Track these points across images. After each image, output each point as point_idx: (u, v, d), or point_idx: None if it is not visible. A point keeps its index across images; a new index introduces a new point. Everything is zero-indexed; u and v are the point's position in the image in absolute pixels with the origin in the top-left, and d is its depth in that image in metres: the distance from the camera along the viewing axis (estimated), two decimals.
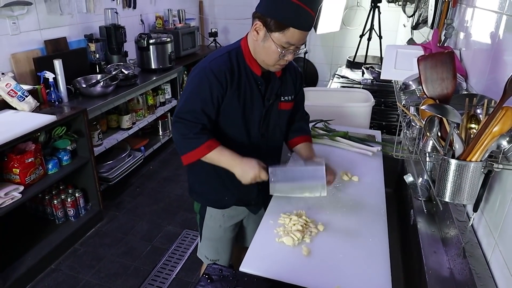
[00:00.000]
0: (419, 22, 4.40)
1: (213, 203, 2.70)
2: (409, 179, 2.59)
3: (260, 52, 2.25)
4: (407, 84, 2.47)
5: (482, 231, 1.94)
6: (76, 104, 4.54)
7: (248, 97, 2.35)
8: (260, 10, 2.15)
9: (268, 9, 2.11)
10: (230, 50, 2.34)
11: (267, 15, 2.11)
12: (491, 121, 1.53)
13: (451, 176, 1.63)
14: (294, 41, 2.14)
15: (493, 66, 2.14)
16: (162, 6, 7.39)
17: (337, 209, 2.34)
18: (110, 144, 5.19)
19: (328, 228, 2.18)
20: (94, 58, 5.46)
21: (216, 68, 2.23)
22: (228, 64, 2.27)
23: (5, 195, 3.57)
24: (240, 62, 2.32)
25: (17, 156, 3.70)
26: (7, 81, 3.92)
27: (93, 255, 4.31)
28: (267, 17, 2.10)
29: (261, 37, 2.17)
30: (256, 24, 2.16)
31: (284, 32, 2.09)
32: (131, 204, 5.28)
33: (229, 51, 2.34)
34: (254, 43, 2.25)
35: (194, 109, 2.25)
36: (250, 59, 2.33)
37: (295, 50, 2.23)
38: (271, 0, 2.10)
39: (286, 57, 2.22)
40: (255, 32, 2.19)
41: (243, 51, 2.34)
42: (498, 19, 2.14)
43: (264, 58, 2.25)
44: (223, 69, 2.24)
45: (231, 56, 2.31)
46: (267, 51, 2.20)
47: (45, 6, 4.85)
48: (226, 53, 2.32)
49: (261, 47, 2.21)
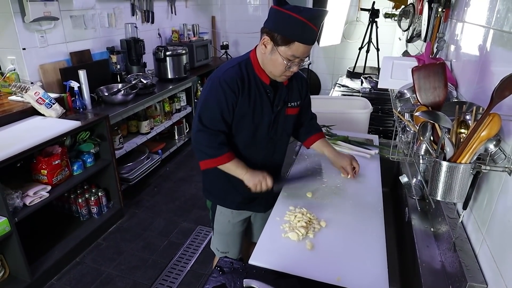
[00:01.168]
0: (413, 36, 4.40)
1: (222, 201, 2.75)
2: (404, 179, 2.59)
3: (268, 64, 2.27)
4: (402, 92, 2.47)
5: (471, 227, 1.94)
6: (99, 110, 4.55)
7: (258, 103, 2.37)
8: (268, 26, 2.18)
9: (275, 25, 2.14)
10: (240, 62, 2.37)
11: (274, 30, 2.14)
12: (479, 126, 1.53)
13: (443, 177, 1.63)
14: (298, 54, 2.16)
15: (481, 76, 2.14)
16: (178, 21, 7.40)
17: (338, 207, 2.34)
18: (130, 147, 5.20)
19: (330, 224, 2.18)
20: (115, 69, 5.47)
21: (229, 78, 2.27)
22: (239, 74, 2.30)
23: (34, 194, 3.58)
24: (250, 72, 2.34)
25: (45, 159, 3.72)
26: (35, 90, 3.94)
27: (114, 249, 4.33)
28: (274, 32, 2.14)
29: (269, 50, 2.20)
30: (264, 38, 2.20)
31: (290, 46, 2.12)
32: (149, 202, 5.29)
33: (240, 62, 2.36)
34: (262, 55, 2.28)
35: (214, 117, 2.30)
36: (259, 69, 2.35)
37: (300, 62, 2.25)
38: (279, 17, 2.11)
39: (292, 68, 2.24)
40: (263, 46, 2.22)
41: (252, 62, 2.36)
42: (486, 33, 2.14)
43: (272, 69, 2.28)
44: (235, 79, 2.27)
45: (242, 67, 2.34)
46: (274, 63, 2.23)
47: (70, 21, 4.88)
48: (237, 64, 2.35)
49: (269, 59, 2.24)
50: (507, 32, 1.81)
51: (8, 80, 4.28)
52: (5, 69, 4.38)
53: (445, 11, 3.18)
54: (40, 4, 4.22)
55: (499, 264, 1.56)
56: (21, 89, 3.97)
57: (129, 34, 5.77)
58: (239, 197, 2.67)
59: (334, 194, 2.50)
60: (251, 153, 2.52)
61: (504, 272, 1.51)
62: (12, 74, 4.29)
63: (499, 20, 1.95)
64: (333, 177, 2.72)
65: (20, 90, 3.98)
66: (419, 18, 4.11)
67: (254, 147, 2.53)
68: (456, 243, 1.90)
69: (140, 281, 3.85)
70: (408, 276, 2.27)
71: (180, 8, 7.47)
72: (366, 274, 1.81)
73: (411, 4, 4.72)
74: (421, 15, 3.85)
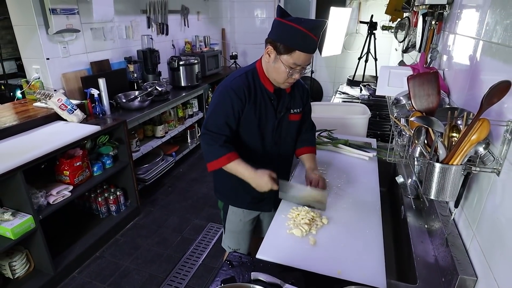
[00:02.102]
0: (409, 47, 4.39)
1: (233, 202, 2.76)
2: (400, 179, 2.60)
3: (272, 72, 2.30)
4: (398, 99, 2.47)
5: (462, 224, 1.94)
6: (117, 116, 4.57)
7: (263, 110, 2.41)
8: (271, 37, 2.22)
9: (278, 36, 2.18)
10: (247, 71, 2.40)
11: (277, 40, 2.18)
12: (470, 130, 1.54)
13: (436, 177, 1.63)
14: (300, 62, 2.19)
15: (471, 84, 2.14)
16: (190, 33, 7.42)
17: (339, 206, 2.34)
18: (146, 150, 5.21)
19: (332, 222, 2.19)
20: (132, 77, 5.49)
21: (236, 86, 2.31)
22: (246, 83, 2.34)
23: (57, 193, 3.61)
24: (255, 81, 2.38)
25: (67, 160, 3.74)
26: (58, 97, 3.97)
27: (131, 245, 4.34)
28: (277, 42, 2.18)
29: (272, 59, 2.24)
30: (268, 48, 2.24)
31: (291, 54, 2.16)
32: (164, 201, 5.30)
33: (247, 71, 2.40)
34: (266, 64, 2.32)
35: (219, 122, 2.32)
36: (264, 78, 2.38)
37: (301, 70, 2.28)
38: (281, 28, 2.15)
39: (294, 76, 2.27)
40: (267, 55, 2.27)
41: (258, 71, 2.40)
42: (476, 44, 2.14)
43: (275, 77, 2.31)
44: (242, 87, 2.31)
45: (248, 76, 2.37)
46: (277, 70, 2.26)
47: (91, 33, 4.90)
48: (244, 73, 2.38)
49: (272, 67, 2.27)
50: (496, 43, 1.82)
51: (33, 88, 4.31)
52: (30, 77, 4.41)
53: (438, 23, 3.17)
54: (62, 17, 4.26)
55: (488, 258, 1.57)
56: (45, 96, 3.99)
57: (145, 45, 5.79)
58: (248, 197, 2.67)
59: (335, 194, 2.50)
60: (259, 156, 2.53)
61: (493, 266, 1.51)
62: (37, 82, 4.31)
63: (488, 32, 1.96)
64: (335, 178, 2.72)
65: (44, 97, 4.00)
66: (414, 30, 4.10)
67: (261, 151, 2.54)
68: (448, 238, 1.90)
69: (156, 274, 3.86)
70: (403, 269, 2.27)
71: (193, 21, 7.49)
72: (365, 268, 1.82)
73: (407, 17, 4.71)
74: (416, 28, 3.85)
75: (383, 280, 1.73)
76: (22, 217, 3.24)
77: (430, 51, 3.24)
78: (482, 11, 2.13)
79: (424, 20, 3.34)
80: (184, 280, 3.76)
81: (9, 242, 3.13)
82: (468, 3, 2.48)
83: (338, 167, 2.90)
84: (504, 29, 1.72)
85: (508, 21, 1.68)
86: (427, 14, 3.26)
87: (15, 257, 3.45)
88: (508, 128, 1.52)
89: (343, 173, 2.80)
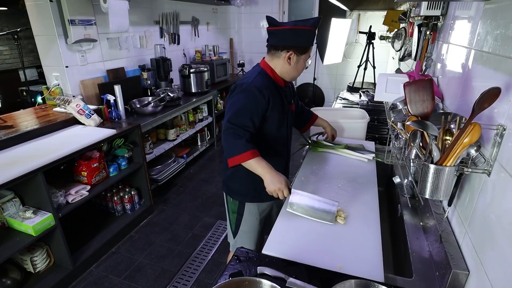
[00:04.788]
0: (405, 55, 4.39)
1: (253, 198, 2.71)
2: (397, 180, 2.59)
3: (292, 71, 2.46)
4: (395, 104, 2.47)
5: (455, 221, 1.94)
6: (132, 120, 4.57)
7: (278, 104, 2.47)
8: (288, 43, 2.36)
9: (295, 41, 2.35)
10: (259, 72, 2.46)
11: (296, 45, 2.36)
12: (462, 134, 1.54)
13: (430, 178, 1.64)
14: (310, 55, 2.47)
15: (464, 90, 2.14)
16: (200, 43, 7.43)
17: (340, 204, 2.33)
18: (159, 152, 5.22)
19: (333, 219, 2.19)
20: (146, 84, 5.51)
21: (260, 85, 2.34)
22: (265, 82, 2.39)
23: (75, 193, 3.62)
24: (268, 80, 2.44)
25: (85, 162, 3.76)
26: (77, 102, 3.99)
27: (145, 241, 4.35)
28: (295, 46, 2.36)
29: (294, 61, 2.41)
30: (289, 53, 2.38)
31: (308, 52, 2.42)
32: (175, 200, 5.31)
33: (259, 72, 2.45)
34: (285, 66, 2.44)
35: (245, 118, 2.29)
36: (275, 76, 2.48)
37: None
38: (295, 33, 2.32)
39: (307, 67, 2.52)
40: (287, 60, 2.40)
41: (266, 71, 2.47)
42: (468, 53, 2.14)
43: (295, 74, 2.50)
44: (264, 85, 2.36)
45: (262, 76, 2.43)
46: (298, 69, 2.47)
47: (107, 42, 4.93)
48: (258, 74, 2.43)
49: (294, 67, 2.44)
50: (486, 52, 1.82)
51: (53, 94, 4.33)
52: (50, 84, 4.43)
53: (432, 34, 3.18)
54: (80, 28, 4.28)
55: (479, 253, 1.57)
56: (64, 102, 4.02)
57: (158, 54, 5.83)
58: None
59: (336, 193, 2.50)
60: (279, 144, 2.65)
61: (484, 261, 1.51)
62: (57, 89, 4.34)
63: (479, 41, 1.96)
64: (336, 178, 2.72)
65: (64, 103, 4.03)
66: (410, 40, 4.11)
67: (277, 144, 2.65)
68: (442, 235, 1.90)
69: (168, 268, 3.86)
70: (400, 264, 2.27)
71: (203, 32, 7.50)
72: (364, 262, 1.82)
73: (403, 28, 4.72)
74: (412, 37, 3.85)
75: (381, 274, 1.73)
76: (43, 215, 3.25)
77: (425, 59, 3.24)
78: (474, 22, 2.13)
79: (420, 30, 3.35)
80: (195, 274, 3.77)
81: (30, 238, 3.15)
82: (461, 15, 2.48)
83: (339, 168, 2.89)
84: (494, 39, 1.73)
85: (498, 31, 1.68)
86: (422, 25, 3.27)
87: (36, 252, 3.47)
88: (498, 132, 1.52)
89: (343, 173, 2.79)
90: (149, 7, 5.79)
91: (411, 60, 4.05)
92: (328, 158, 3.08)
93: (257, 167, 2.27)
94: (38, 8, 4.12)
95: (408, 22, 4.37)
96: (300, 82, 9.28)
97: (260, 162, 2.26)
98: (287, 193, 2.25)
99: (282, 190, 2.23)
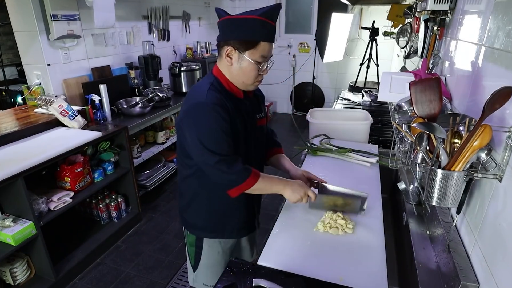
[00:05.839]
0: (411, 52, 4.40)
1: (212, 234, 2.45)
2: (402, 186, 2.59)
3: (238, 75, 2.10)
4: (400, 105, 2.47)
5: (464, 230, 1.94)
6: (118, 122, 4.59)
7: (239, 122, 2.14)
8: (227, 37, 2.05)
9: (235, 33, 2.01)
10: (211, 83, 2.12)
11: (236, 38, 2.01)
12: (472, 136, 1.54)
13: (438, 184, 1.63)
14: (266, 53, 2.04)
15: (473, 90, 2.14)
16: (191, 39, 7.45)
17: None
18: (147, 156, 5.22)
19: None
20: (133, 83, 5.52)
21: (216, 100, 2.02)
22: (219, 94, 2.07)
23: (58, 199, 3.62)
24: (223, 91, 2.13)
25: (68, 167, 3.75)
26: (59, 103, 3.98)
27: (133, 251, 4.35)
28: (236, 40, 2.01)
29: (236, 60, 2.05)
30: (227, 50, 2.04)
31: (256, 47, 2.00)
32: (165, 207, 5.30)
33: (211, 83, 2.12)
34: (230, 68, 2.10)
35: (223, 142, 2.03)
36: (230, 85, 2.16)
37: (267, 62, 2.12)
38: (236, 24, 2.00)
39: (263, 71, 2.11)
40: (228, 58, 2.06)
41: (220, 80, 2.15)
42: (478, 50, 2.14)
43: (244, 79, 2.11)
44: (220, 99, 2.05)
45: (216, 87, 2.10)
46: (244, 71, 2.07)
47: (92, 39, 4.94)
48: (210, 85, 2.10)
49: (238, 69, 2.08)
50: (498, 49, 1.82)
51: (34, 94, 4.33)
52: (31, 83, 4.43)
53: (440, 29, 3.18)
54: (63, 23, 4.29)
55: (490, 264, 1.57)
56: (46, 102, 4.01)
57: (147, 51, 5.81)
58: (237, 223, 2.45)
59: None
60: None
61: (495, 272, 1.51)
62: (38, 88, 4.33)
63: (490, 38, 1.96)
64: (336, 184, 2.70)
65: (45, 103, 4.02)
66: (416, 36, 4.11)
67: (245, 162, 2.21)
68: (450, 245, 1.90)
69: (157, 280, 3.85)
70: (405, 276, 2.27)
71: (194, 27, 7.52)
72: (367, 274, 1.82)
73: (409, 23, 4.72)
74: (418, 33, 3.85)
75: (385, 287, 1.73)
76: (23, 223, 3.24)
77: (432, 57, 3.24)
78: (484, 16, 2.14)
79: (426, 26, 3.35)
80: (185, 287, 3.75)
81: (10, 248, 3.14)
82: (470, 9, 2.48)
83: (339, 174, 2.89)
84: (506, 35, 1.73)
85: (510, 27, 1.68)
86: (429, 20, 3.27)
87: (16, 263, 3.46)
88: (510, 134, 1.52)
89: (344, 179, 2.79)
90: (136, 0, 5.79)
91: (417, 58, 4.06)
92: (328, 163, 3.08)
93: (268, 187, 2.17)
94: (18, 2, 4.11)
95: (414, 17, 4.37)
96: (299, 81, 9.30)
97: (269, 180, 2.17)
98: (312, 193, 2.20)
99: (307, 194, 2.18)
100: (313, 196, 2.19)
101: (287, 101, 9.85)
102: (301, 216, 2.35)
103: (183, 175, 2.34)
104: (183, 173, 2.33)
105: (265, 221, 2.93)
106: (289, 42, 9.13)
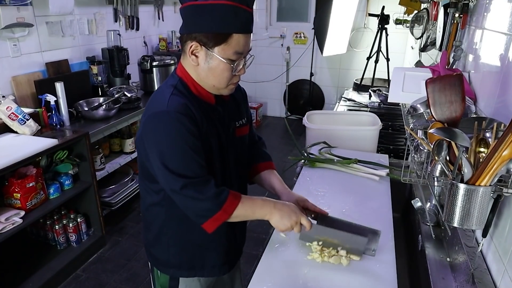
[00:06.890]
0: (427, 44, 4.42)
1: (190, 271, 2.29)
2: (417, 204, 2.58)
3: (208, 76, 1.93)
4: (415, 107, 2.48)
5: (492, 257, 1.94)
6: (78, 127, 4.56)
7: (210, 130, 1.98)
8: (190, 30, 1.88)
9: (200, 25, 1.83)
10: (174, 85, 1.97)
11: (201, 31, 1.83)
12: (501, 145, 1.54)
13: (460, 201, 1.63)
14: (241, 49, 1.85)
15: (503, 89, 2.15)
16: (165, 28, 7.46)
17: None
18: (112, 168, 5.21)
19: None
20: (96, 81, 5.50)
21: (180, 108, 1.85)
22: (185, 100, 1.90)
23: (5, 220, 3.57)
24: (189, 95, 1.96)
25: (18, 181, 3.71)
26: (7, 104, 3.95)
27: (95, 282, 4.32)
28: (201, 34, 1.83)
29: (202, 58, 1.88)
30: (191, 46, 1.87)
31: (228, 41, 1.81)
32: (134, 229, 5.28)
33: (174, 86, 1.96)
34: (196, 68, 1.94)
35: (191, 161, 1.87)
36: (198, 89, 2.00)
37: (244, 59, 1.94)
38: (201, 12, 1.81)
39: (238, 71, 1.94)
40: (193, 56, 1.89)
41: (186, 82, 2.00)
42: (508, 41, 2.15)
43: (214, 81, 1.94)
44: (186, 106, 1.87)
45: (180, 91, 1.94)
46: (214, 72, 1.90)
47: (46, 28, 4.91)
48: (174, 89, 1.94)
49: (207, 70, 1.90)
50: None
51: None
52: None
53: (462, 16, 3.19)
54: (12, 9, 4.25)
55: None
56: None
57: (112, 43, 5.79)
58: (218, 256, 2.30)
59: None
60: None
61: None
62: None
63: None
64: (338, 201, 2.71)
65: None
66: (433, 24, 4.14)
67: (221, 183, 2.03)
68: (475, 274, 1.90)
69: None
70: None
71: (168, 14, 7.53)
72: None
73: (425, 9, 4.75)
74: (436, 22, 3.87)
75: None
76: None
77: (453, 49, 3.26)
78: None
79: (446, 12, 3.36)
80: None
81: None
82: None
83: (342, 189, 2.88)
84: None
85: None
86: (449, 5, 3.28)
87: None
88: None
89: (348, 195, 2.79)
90: None
91: (435, 51, 4.08)
92: (328, 176, 3.08)
93: (251, 211, 2.01)
94: None
95: (432, 2, 4.40)
96: (294, 78, 9.31)
97: (251, 203, 2.00)
98: (308, 222, 2.02)
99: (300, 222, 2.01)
100: (308, 225, 2.01)
101: (279, 102, 9.88)
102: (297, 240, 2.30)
103: (147, 203, 2.20)
104: (147, 200, 2.19)
105: (252, 246, 2.89)
106: (282, 32, 9.14)
